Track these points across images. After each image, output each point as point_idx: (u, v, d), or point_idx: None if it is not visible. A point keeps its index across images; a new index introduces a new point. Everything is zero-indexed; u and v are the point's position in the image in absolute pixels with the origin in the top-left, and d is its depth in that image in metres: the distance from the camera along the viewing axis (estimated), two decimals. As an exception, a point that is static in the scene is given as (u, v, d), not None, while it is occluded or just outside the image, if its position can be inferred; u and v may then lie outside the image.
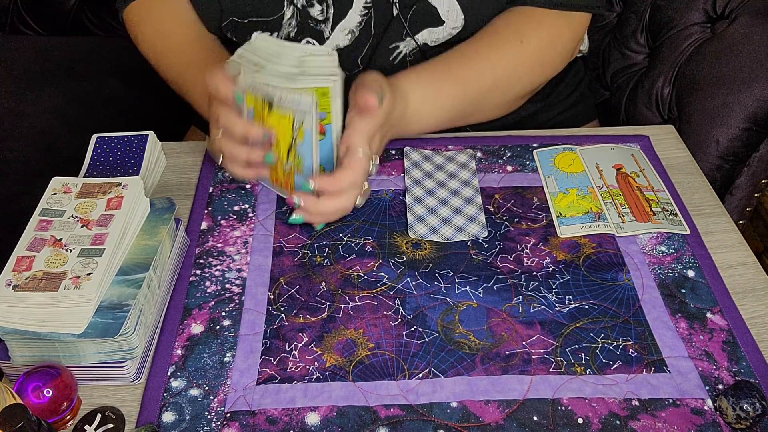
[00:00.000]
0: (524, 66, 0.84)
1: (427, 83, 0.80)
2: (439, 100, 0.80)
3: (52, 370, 0.58)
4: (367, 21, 0.84)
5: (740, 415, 0.57)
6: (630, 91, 1.04)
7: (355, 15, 0.84)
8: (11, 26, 1.47)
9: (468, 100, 0.82)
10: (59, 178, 0.71)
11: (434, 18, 0.84)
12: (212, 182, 0.82)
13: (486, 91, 0.83)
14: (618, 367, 0.63)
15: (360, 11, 0.83)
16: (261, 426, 0.59)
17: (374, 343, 0.65)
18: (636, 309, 0.68)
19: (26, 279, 0.61)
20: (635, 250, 0.73)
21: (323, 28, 0.85)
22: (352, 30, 0.84)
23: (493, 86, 0.83)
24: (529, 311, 0.67)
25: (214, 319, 0.67)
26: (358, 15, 0.84)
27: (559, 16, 0.85)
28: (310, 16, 0.84)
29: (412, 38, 0.85)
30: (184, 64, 0.85)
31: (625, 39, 1.05)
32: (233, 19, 0.86)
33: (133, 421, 0.60)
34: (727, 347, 0.64)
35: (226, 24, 0.87)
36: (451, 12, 0.83)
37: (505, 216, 0.77)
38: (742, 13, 0.92)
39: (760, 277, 0.71)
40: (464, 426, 0.59)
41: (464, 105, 0.82)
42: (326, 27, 0.84)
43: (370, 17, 0.84)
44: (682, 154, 0.86)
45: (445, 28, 0.85)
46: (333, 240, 0.75)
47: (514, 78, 0.84)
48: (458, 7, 0.83)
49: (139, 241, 0.67)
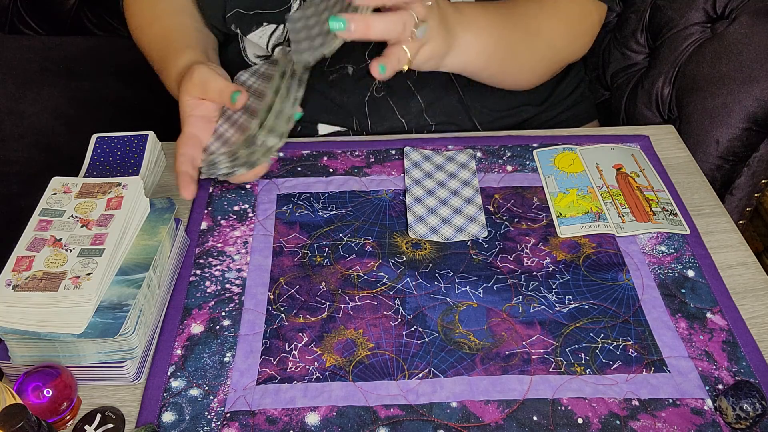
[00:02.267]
0: (561, 27, 0.85)
1: (481, 5, 0.80)
2: (487, 16, 0.80)
3: (52, 370, 0.58)
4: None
5: (740, 415, 0.57)
6: (630, 91, 1.04)
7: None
8: (11, 26, 1.47)
9: (516, 36, 0.82)
10: (59, 178, 0.71)
11: None
12: (212, 182, 0.82)
13: (532, 34, 0.83)
14: (618, 367, 0.63)
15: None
16: (261, 426, 0.59)
17: (374, 343, 0.65)
18: (636, 309, 0.68)
19: (26, 279, 0.61)
20: (635, 250, 0.73)
21: None
22: None
23: (537, 33, 0.84)
24: (529, 311, 0.67)
25: (214, 319, 0.67)
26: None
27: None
28: None
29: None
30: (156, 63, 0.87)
31: (625, 39, 1.05)
32: (238, 10, 0.85)
33: (133, 421, 0.60)
34: (727, 347, 0.64)
35: (230, 15, 0.86)
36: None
37: (505, 216, 0.77)
38: (742, 13, 0.92)
39: (760, 277, 0.71)
40: (464, 426, 0.59)
41: (513, 39, 0.82)
42: None
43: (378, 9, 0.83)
44: (682, 154, 0.86)
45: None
46: (333, 240, 0.75)
47: (554, 34, 0.85)
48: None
49: (139, 241, 0.67)
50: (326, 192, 0.80)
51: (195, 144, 0.76)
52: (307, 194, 0.80)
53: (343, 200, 0.79)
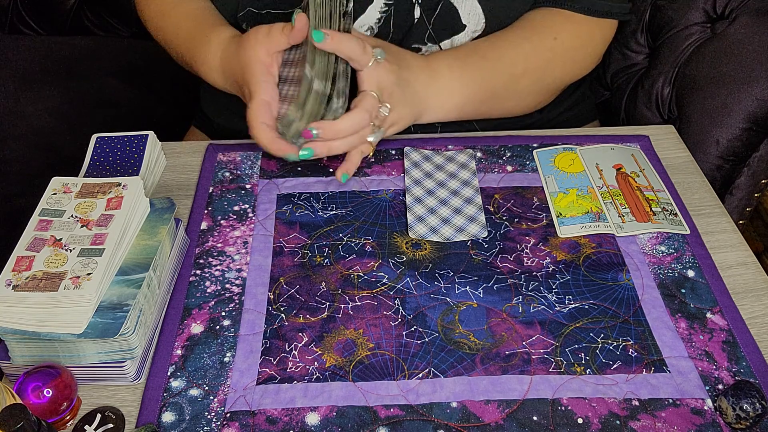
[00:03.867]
0: (557, 61, 0.86)
1: (453, 57, 0.82)
2: (465, 73, 0.81)
3: (52, 370, 0.58)
4: (386, 18, 0.84)
5: (740, 415, 0.57)
6: (630, 91, 1.04)
7: (375, 11, 0.83)
8: (11, 26, 1.47)
9: (497, 82, 0.83)
10: (59, 178, 0.71)
11: (456, 21, 0.84)
12: (212, 182, 0.82)
13: (517, 76, 0.84)
14: (618, 367, 0.63)
15: (380, 8, 0.83)
16: (261, 426, 0.59)
17: (374, 343, 0.65)
18: (636, 309, 0.68)
19: (26, 279, 0.61)
20: (635, 250, 0.73)
21: None
22: (371, 26, 0.84)
23: (524, 74, 0.84)
24: (529, 311, 0.67)
25: (214, 319, 0.67)
26: (377, 11, 0.83)
27: (592, 20, 0.87)
28: None
29: (435, 44, 0.85)
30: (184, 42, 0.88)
31: (625, 39, 1.05)
32: (250, 9, 0.85)
33: (133, 421, 0.60)
34: (727, 347, 0.64)
35: (242, 14, 0.86)
36: (472, 15, 0.83)
37: (505, 216, 0.77)
38: (742, 13, 0.92)
39: (760, 277, 0.71)
40: (464, 426, 0.59)
41: (493, 84, 0.83)
42: None
43: (389, 14, 0.84)
44: (682, 154, 0.86)
45: (466, 33, 0.85)
46: (333, 240, 0.75)
47: (548, 71, 0.86)
48: (480, 9, 0.83)
49: (139, 241, 0.67)
50: (326, 192, 0.80)
51: (266, 112, 0.76)
52: (307, 194, 0.80)
53: (343, 200, 0.79)
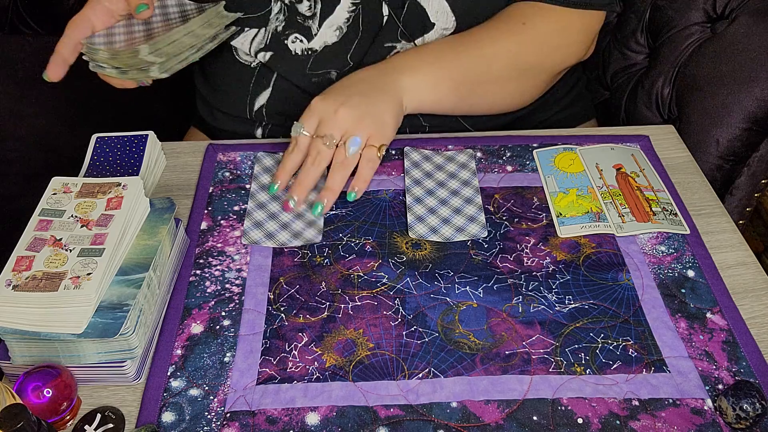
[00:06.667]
0: (528, 44, 0.84)
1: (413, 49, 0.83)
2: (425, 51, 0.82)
3: (52, 370, 0.59)
4: (354, 18, 0.84)
5: (740, 415, 0.57)
6: (630, 91, 1.04)
7: (343, 11, 0.84)
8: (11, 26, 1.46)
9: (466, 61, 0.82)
10: (59, 178, 0.71)
11: (425, 19, 0.84)
12: (212, 182, 0.82)
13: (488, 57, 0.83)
14: (618, 367, 0.63)
15: (347, 8, 0.83)
16: (261, 426, 0.59)
17: (374, 343, 0.65)
18: (636, 309, 0.68)
19: (26, 279, 0.61)
20: (635, 250, 0.73)
21: (311, 24, 0.85)
22: (340, 26, 0.84)
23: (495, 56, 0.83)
24: (529, 311, 0.67)
25: (214, 319, 0.67)
26: (345, 11, 0.84)
27: (568, 11, 0.85)
28: (297, 12, 0.84)
29: (410, 42, 0.85)
30: None
31: (625, 39, 1.05)
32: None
33: (133, 421, 0.60)
34: (727, 347, 0.64)
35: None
36: (440, 13, 0.83)
37: (505, 216, 0.77)
38: (742, 13, 0.92)
39: (760, 277, 0.71)
40: (464, 426, 0.59)
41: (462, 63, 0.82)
42: (314, 23, 0.85)
43: (358, 14, 0.84)
44: (682, 154, 0.86)
45: (436, 31, 0.85)
46: (333, 240, 0.75)
47: (521, 54, 0.84)
48: (448, 7, 0.83)
49: (139, 241, 0.67)
50: (326, 192, 0.80)
51: (85, 29, 0.77)
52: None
53: (343, 200, 0.79)
